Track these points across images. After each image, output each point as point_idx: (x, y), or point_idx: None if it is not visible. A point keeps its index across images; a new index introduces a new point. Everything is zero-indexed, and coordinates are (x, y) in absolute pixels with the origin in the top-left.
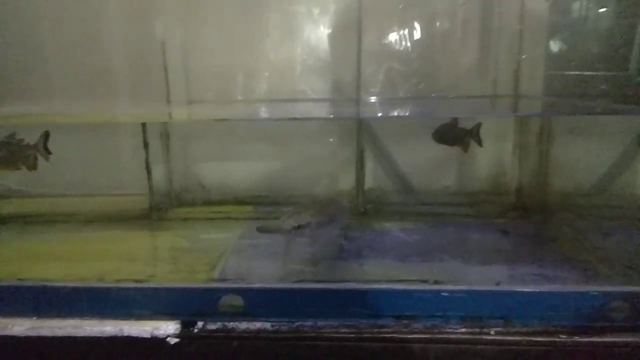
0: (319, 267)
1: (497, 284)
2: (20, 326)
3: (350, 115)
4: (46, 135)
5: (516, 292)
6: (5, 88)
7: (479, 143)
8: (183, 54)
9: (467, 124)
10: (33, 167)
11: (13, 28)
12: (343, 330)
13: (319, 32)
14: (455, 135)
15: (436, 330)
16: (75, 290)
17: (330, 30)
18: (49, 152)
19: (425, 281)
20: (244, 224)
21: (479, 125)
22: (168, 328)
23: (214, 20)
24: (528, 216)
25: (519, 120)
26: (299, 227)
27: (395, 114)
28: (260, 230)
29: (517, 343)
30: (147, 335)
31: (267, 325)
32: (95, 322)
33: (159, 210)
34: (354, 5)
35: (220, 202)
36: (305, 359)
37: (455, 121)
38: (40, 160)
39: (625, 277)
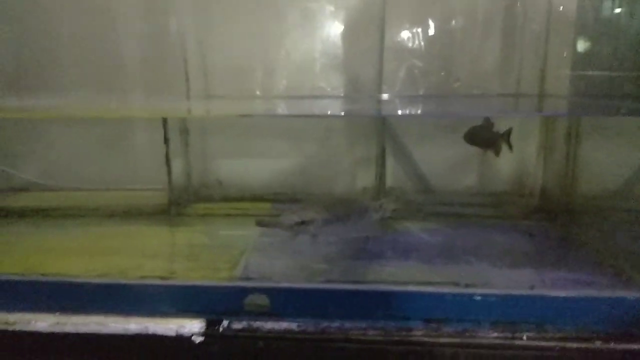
0: (335, 266)
1: (531, 288)
2: (44, 322)
3: (372, 112)
4: None
5: (550, 297)
6: (24, 82)
7: (510, 148)
8: (202, 49)
9: (498, 127)
10: None
11: (31, 22)
12: (371, 333)
13: (340, 28)
14: (487, 138)
15: (467, 335)
16: (100, 286)
17: (351, 26)
18: None
19: (456, 284)
20: None
21: (510, 129)
22: (193, 326)
23: (234, 16)
24: (553, 219)
25: (544, 120)
26: (302, 223)
27: (418, 112)
28: (260, 224)
29: (550, 349)
30: (172, 334)
31: (293, 326)
32: (119, 319)
33: (177, 206)
34: (377, 0)
35: (239, 199)
36: None
37: (488, 123)
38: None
39: None
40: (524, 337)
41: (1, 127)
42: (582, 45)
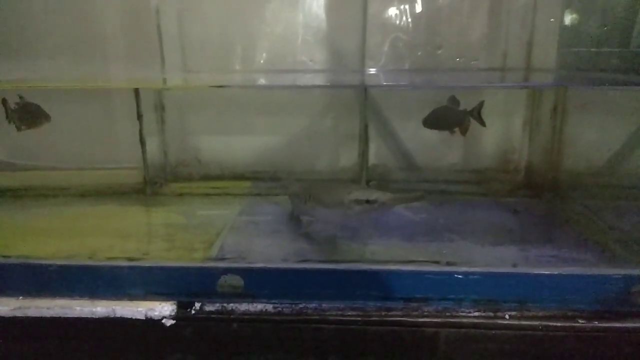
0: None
1: (514, 265)
2: (6, 306)
3: (355, 83)
4: None
5: (533, 275)
6: None
7: (482, 123)
8: (178, 22)
9: (472, 104)
10: None
11: None
12: (349, 313)
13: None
14: (453, 118)
15: (448, 314)
16: (65, 268)
17: None
18: None
19: (437, 262)
20: (242, 200)
21: (480, 104)
22: (163, 309)
23: None
24: (539, 195)
25: (530, 95)
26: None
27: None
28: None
29: (533, 328)
30: (141, 317)
31: (269, 307)
32: (86, 303)
33: (153, 185)
34: None
35: (218, 177)
36: (309, 342)
37: (454, 102)
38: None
39: None
40: (507, 316)
41: None
42: (569, 19)
